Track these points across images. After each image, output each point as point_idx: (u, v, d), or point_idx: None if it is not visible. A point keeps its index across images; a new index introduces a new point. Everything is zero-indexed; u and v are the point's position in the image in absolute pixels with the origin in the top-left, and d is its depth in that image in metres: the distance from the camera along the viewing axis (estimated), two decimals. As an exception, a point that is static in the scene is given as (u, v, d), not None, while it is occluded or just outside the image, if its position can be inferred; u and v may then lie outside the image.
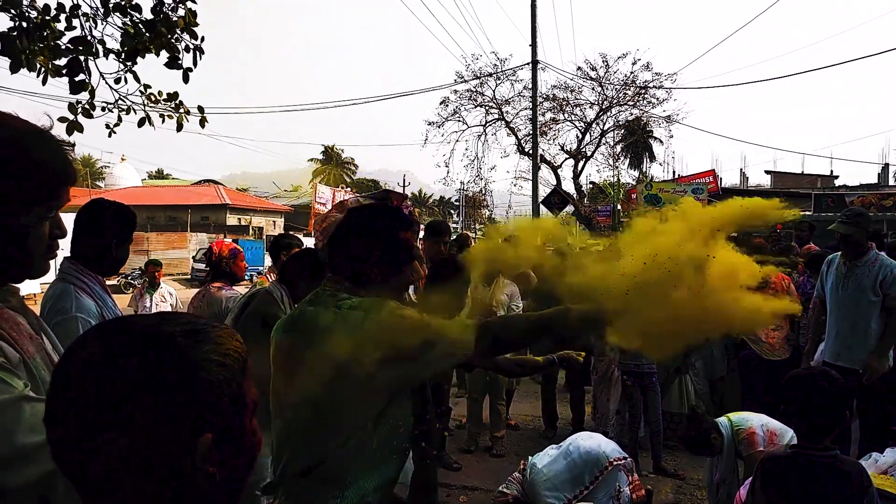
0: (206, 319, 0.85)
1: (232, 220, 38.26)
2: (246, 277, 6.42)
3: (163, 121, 4.34)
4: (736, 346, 5.96)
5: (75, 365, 0.75)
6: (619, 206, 30.00)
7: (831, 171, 34.80)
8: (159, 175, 58.98)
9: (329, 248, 1.82)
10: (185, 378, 0.76)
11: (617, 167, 29.57)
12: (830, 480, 2.30)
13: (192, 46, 4.05)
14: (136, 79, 4.04)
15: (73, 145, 1.35)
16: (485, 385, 5.59)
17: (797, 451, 2.43)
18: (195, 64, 4.09)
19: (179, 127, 4.35)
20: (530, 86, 19.63)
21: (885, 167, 32.93)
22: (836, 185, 32.55)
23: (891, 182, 31.85)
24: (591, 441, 3.71)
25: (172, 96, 4.26)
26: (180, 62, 4.02)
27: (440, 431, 5.23)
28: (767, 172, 35.60)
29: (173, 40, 3.98)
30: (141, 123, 4.19)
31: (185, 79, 4.06)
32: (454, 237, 6.60)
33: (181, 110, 4.31)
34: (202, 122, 4.41)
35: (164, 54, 3.99)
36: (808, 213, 21.30)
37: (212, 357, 0.79)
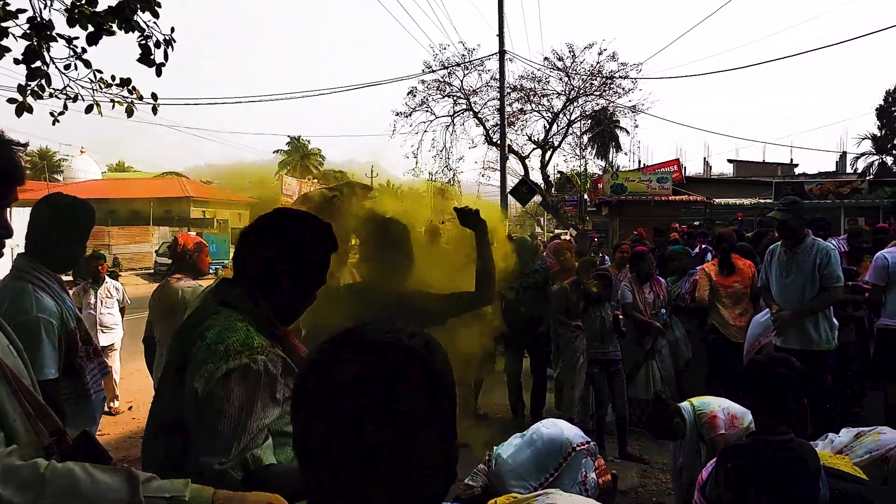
0: (412, 325, 0.85)
1: (196, 212, 37.64)
2: (210, 271, 6.31)
3: (112, 107, 4.27)
4: (702, 331, 6.11)
5: (333, 389, 0.74)
6: (586, 196, 30.31)
7: (791, 160, 35.63)
8: (120, 168, 57.63)
9: (240, 243, 1.75)
10: (438, 388, 0.77)
11: (584, 157, 29.83)
12: (787, 464, 2.35)
13: (161, 41, 3.98)
14: (87, 65, 3.95)
15: (26, 145, 1.31)
16: (453, 375, 5.62)
17: (756, 437, 2.47)
18: (167, 58, 4.03)
19: (130, 113, 4.28)
20: (498, 76, 19.65)
21: (843, 155, 33.91)
22: (796, 173, 33.36)
23: (848, 170, 32.78)
24: (554, 428, 3.75)
25: (125, 82, 4.18)
26: (153, 57, 3.96)
27: None
28: (730, 161, 36.35)
29: (142, 35, 3.90)
30: (88, 110, 4.12)
31: (158, 73, 4.01)
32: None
33: (133, 96, 4.23)
34: (154, 110, 4.33)
35: (137, 50, 3.94)
36: (769, 200, 21.83)
37: (445, 363, 0.81)
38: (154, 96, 4.30)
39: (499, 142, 20.52)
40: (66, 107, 4.14)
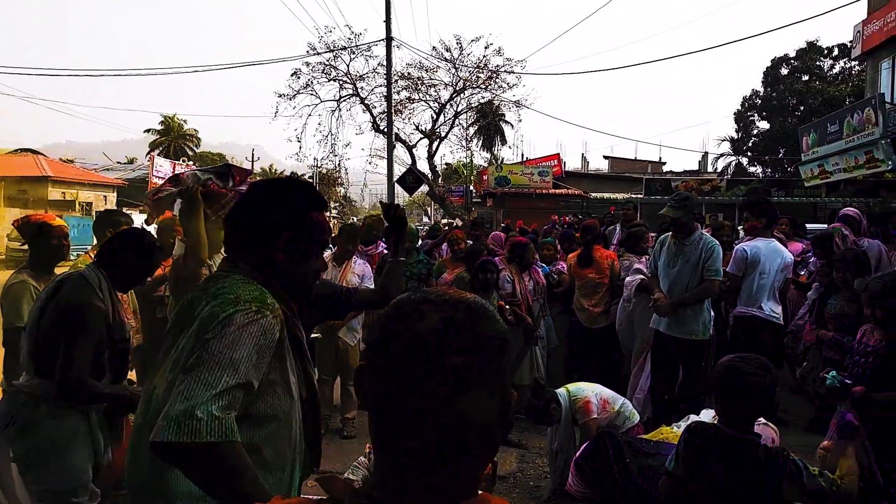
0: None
1: (55, 194, 34.51)
2: (72, 257, 5.73)
3: None
4: (563, 317, 6.39)
5: (423, 334, 0.80)
6: (471, 187, 30.81)
7: (660, 158, 38.15)
8: (-35, 142, 51.86)
9: (227, 224, 1.67)
10: (505, 337, 0.86)
11: (470, 149, 30.27)
12: (752, 465, 2.42)
13: None
14: None
15: None
16: (335, 366, 5.49)
17: (723, 427, 2.52)
18: None
19: None
20: (385, 62, 19.45)
21: (705, 155, 36.63)
22: (664, 170, 35.70)
23: (709, 169, 35.48)
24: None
25: None
26: None
27: None
28: (606, 157, 38.32)
29: None
30: None
31: None
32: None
33: None
34: None
35: None
36: (640, 195, 23.22)
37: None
38: None
39: (386, 130, 20.36)
40: None
